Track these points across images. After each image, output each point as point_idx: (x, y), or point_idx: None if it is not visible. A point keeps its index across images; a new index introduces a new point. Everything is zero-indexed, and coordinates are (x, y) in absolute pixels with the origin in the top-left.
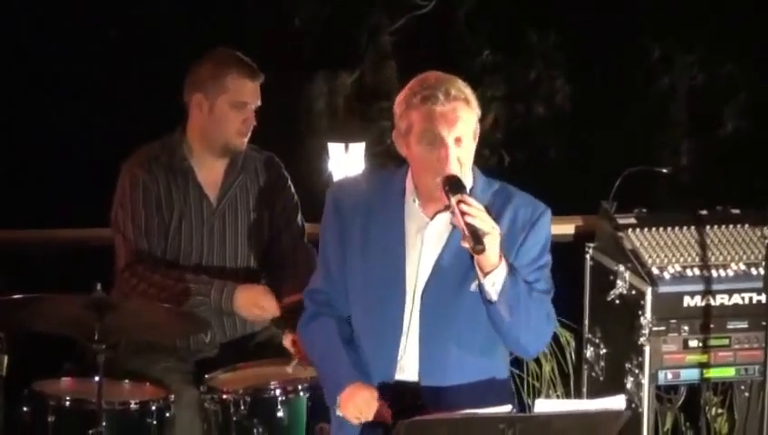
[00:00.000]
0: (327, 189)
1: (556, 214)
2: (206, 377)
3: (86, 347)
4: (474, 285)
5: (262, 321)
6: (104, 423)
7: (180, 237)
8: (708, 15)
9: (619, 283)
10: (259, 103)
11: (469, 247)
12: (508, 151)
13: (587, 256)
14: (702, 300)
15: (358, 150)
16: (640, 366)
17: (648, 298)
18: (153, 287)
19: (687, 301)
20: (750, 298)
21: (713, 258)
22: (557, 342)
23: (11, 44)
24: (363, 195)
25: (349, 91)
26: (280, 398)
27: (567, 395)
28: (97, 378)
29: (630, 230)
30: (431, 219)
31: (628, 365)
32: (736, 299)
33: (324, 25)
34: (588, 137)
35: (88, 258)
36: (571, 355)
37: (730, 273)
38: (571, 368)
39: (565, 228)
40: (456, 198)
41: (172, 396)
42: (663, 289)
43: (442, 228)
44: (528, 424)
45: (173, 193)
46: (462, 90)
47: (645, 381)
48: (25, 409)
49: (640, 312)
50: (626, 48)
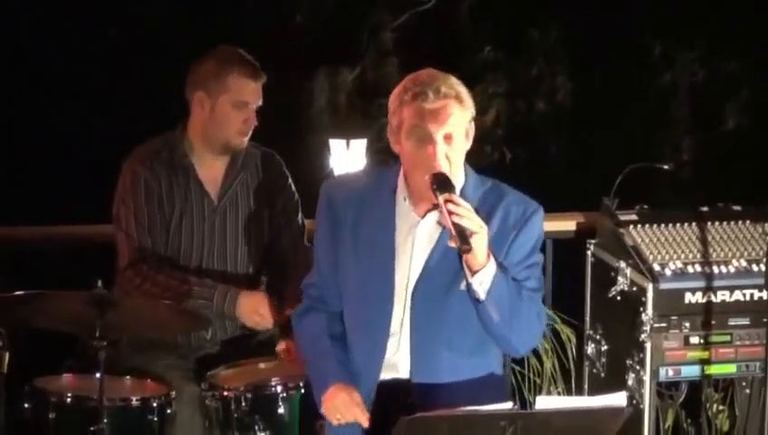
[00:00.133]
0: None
1: (557, 210)
2: (208, 374)
3: (87, 344)
4: (463, 285)
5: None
6: (105, 420)
7: (181, 234)
8: (709, 13)
9: (621, 279)
10: (260, 103)
11: (456, 247)
12: (510, 148)
13: (588, 253)
14: (703, 297)
15: (359, 147)
16: (641, 363)
17: (650, 295)
18: (156, 287)
19: (689, 297)
20: (751, 295)
21: (714, 255)
22: (558, 338)
23: (11, 44)
24: (355, 192)
25: (350, 87)
26: (281, 395)
27: (568, 392)
28: (98, 375)
29: (632, 227)
30: (422, 218)
31: (629, 362)
32: (737, 296)
33: (326, 22)
34: (589, 134)
35: (89, 255)
36: (573, 352)
37: (731, 269)
38: (572, 365)
39: (566, 225)
40: (444, 197)
41: (173, 393)
42: (664, 286)
43: (433, 227)
44: (529, 421)
45: (174, 190)
46: (454, 87)
47: (646, 377)
48: (27, 405)
49: (641, 308)
50: (627, 45)
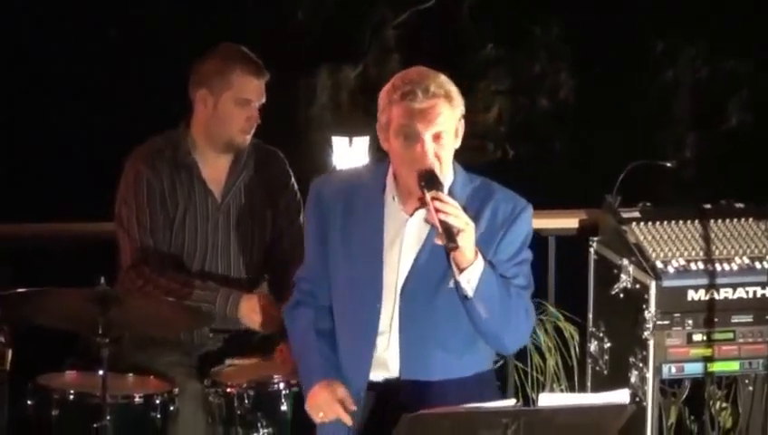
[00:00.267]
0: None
1: (560, 207)
2: (211, 371)
3: (90, 341)
4: (451, 283)
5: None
6: (108, 417)
7: (184, 233)
8: (711, 11)
9: (623, 277)
10: (263, 101)
11: (443, 244)
12: (512, 145)
13: (591, 250)
14: (706, 294)
15: (362, 144)
16: (644, 360)
17: (652, 292)
18: (159, 290)
19: (691, 295)
20: (754, 292)
21: (717, 252)
22: (561, 336)
23: (11, 44)
24: (344, 190)
25: (352, 85)
26: (284, 391)
27: (571, 389)
28: (101, 372)
29: (634, 224)
30: (410, 217)
31: (632, 359)
32: (740, 293)
33: (328, 20)
34: (592, 131)
35: (91, 252)
36: (575, 349)
37: (734, 266)
38: (575, 362)
39: (569, 222)
40: (431, 195)
41: (176, 390)
42: (667, 283)
43: (421, 226)
44: (532, 418)
45: (177, 188)
46: (443, 86)
47: (649, 375)
48: (30, 402)
49: (644, 306)
50: (629, 42)
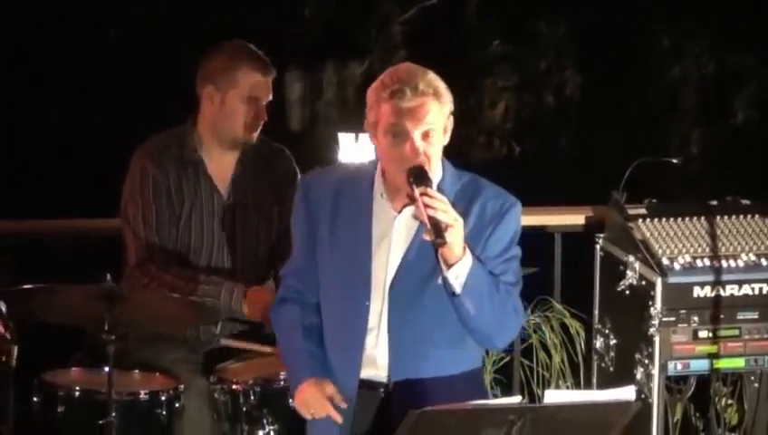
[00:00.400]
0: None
1: (566, 204)
2: (216, 367)
3: (96, 337)
4: (440, 279)
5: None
6: (114, 413)
7: (191, 230)
8: (719, 6)
9: (629, 273)
10: (270, 98)
11: (431, 240)
12: (518, 141)
13: (597, 247)
14: (712, 290)
15: (368, 141)
16: (650, 357)
17: (658, 289)
18: (164, 286)
19: (697, 291)
20: (760, 289)
21: (723, 249)
22: (567, 332)
23: (11, 44)
24: (333, 187)
25: (359, 81)
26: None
27: (577, 386)
28: (107, 368)
29: (640, 221)
30: (399, 213)
31: (637, 356)
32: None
33: (334, 16)
34: (598, 127)
35: (97, 249)
36: (581, 346)
37: (740, 263)
38: (581, 359)
39: (575, 219)
40: (420, 190)
41: (182, 386)
42: (673, 280)
43: (410, 223)
44: (537, 415)
45: (183, 185)
46: (432, 84)
47: (655, 371)
48: (35, 399)
49: (650, 302)
50: (635, 38)
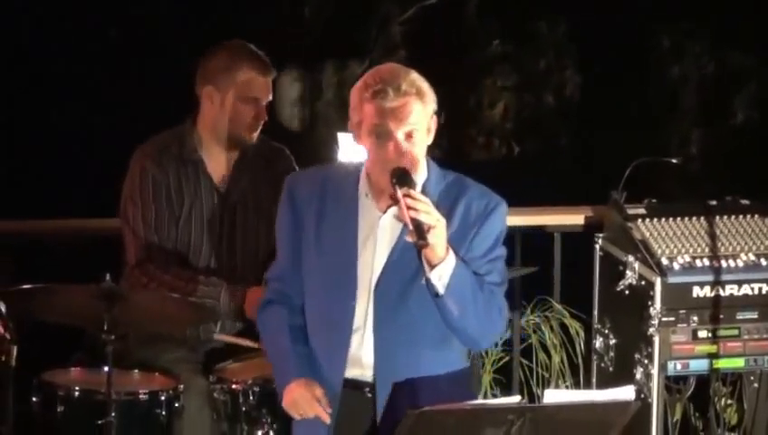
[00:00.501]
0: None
1: (566, 204)
2: (216, 367)
3: (95, 337)
4: (424, 279)
5: None
6: (113, 413)
7: (190, 229)
8: (719, 6)
9: (629, 273)
10: (270, 98)
11: (413, 242)
12: (518, 142)
13: (596, 247)
14: (711, 290)
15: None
16: (649, 357)
17: (658, 289)
18: (164, 286)
19: (697, 291)
20: (759, 289)
21: (722, 249)
22: (566, 332)
23: (11, 44)
24: (318, 188)
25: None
26: None
27: (576, 386)
28: (106, 368)
29: (640, 220)
30: (383, 213)
31: (637, 356)
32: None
33: (334, 16)
34: (597, 127)
35: (97, 249)
36: (581, 346)
37: (740, 263)
38: (581, 359)
39: (575, 219)
40: (402, 192)
41: (181, 386)
42: (672, 279)
43: (395, 223)
44: (537, 415)
45: (183, 185)
46: (415, 84)
47: (654, 371)
48: (35, 399)
49: (650, 302)
50: (635, 38)
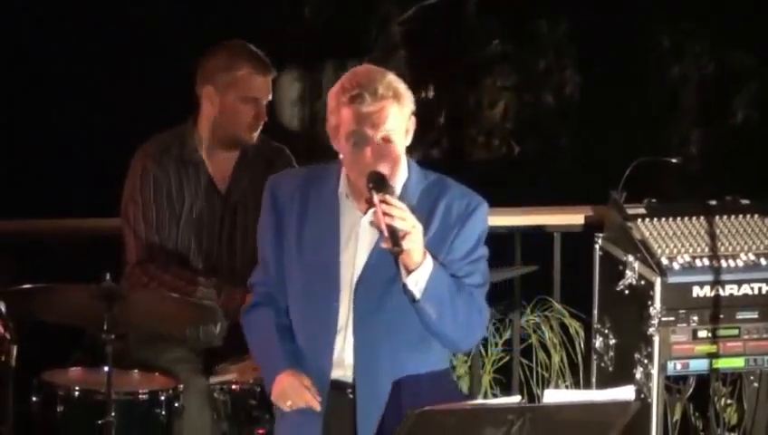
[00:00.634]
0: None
1: (566, 204)
2: (216, 367)
3: (95, 337)
4: (401, 284)
5: None
6: (113, 413)
7: (191, 230)
8: (719, 6)
9: (629, 273)
10: (270, 98)
11: (388, 249)
12: (518, 142)
13: (596, 247)
14: (711, 290)
15: None
16: (649, 357)
17: (658, 288)
18: (164, 286)
19: (697, 291)
20: (759, 288)
21: (722, 248)
22: (566, 332)
23: (11, 44)
24: (299, 189)
25: None
26: None
27: (576, 385)
28: (106, 368)
29: (640, 220)
30: (364, 214)
31: (637, 356)
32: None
33: (334, 16)
34: (597, 127)
35: (97, 249)
36: (581, 346)
37: (739, 263)
38: (581, 358)
39: (574, 218)
40: (378, 197)
41: (181, 386)
42: (672, 279)
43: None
44: (537, 415)
45: (184, 185)
46: (391, 86)
47: (654, 371)
48: (35, 399)
49: (649, 302)
50: (635, 38)
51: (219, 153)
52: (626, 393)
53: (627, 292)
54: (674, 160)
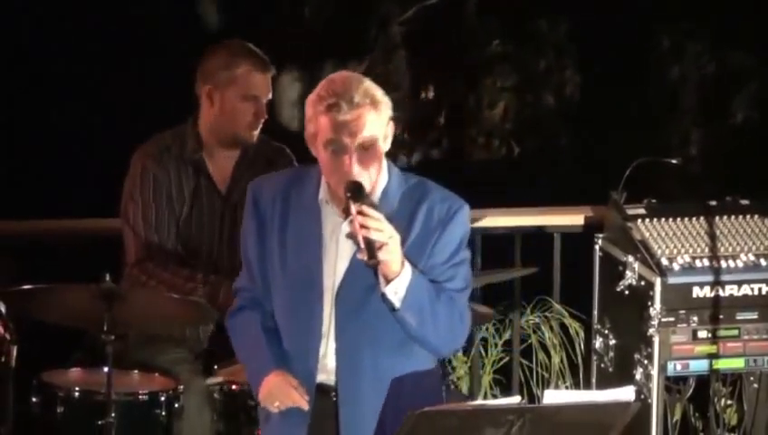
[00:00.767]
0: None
1: (566, 204)
2: (216, 367)
3: (95, 338)
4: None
5: None
6: (113, 414)
7: (191, 229)
8: (719, 6)
9: (629, 273)
10: (270, 96)
11: (364, 261)
12: (518, 142)
13: (596, 247)
14: (711, 291)
15: None
16: (649, 357)
17: (658, 289)
18: (163, 285)
19: (697, 292)
20: (759, 289)
21: (722, 249)
22: (566, 333)
23: (11, 44)
24: (280, 192)
25: None
26: None
27: (576, 386)
28: (106, 369)
29: (640, 221)
30: (344, 220)
31: (637, 356)
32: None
33: (334, 16)
34: (597, 128)
35: (97, 249)
36: (580, 346)
37: (739, 263)
38: (581, 359)
39: (574, 219)
40: (356, 208)
41: (181, 386)
42: (672, 280)
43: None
44: (537, 415)
45: (184, 185)
46: (368, 93)
47: (654, 372)
48: (35, 399)
49: (649, 302)
50: (635, 38)
51: (219, 153)
52: (626, 394)
53: (627, 292)
54: (674, 161)
